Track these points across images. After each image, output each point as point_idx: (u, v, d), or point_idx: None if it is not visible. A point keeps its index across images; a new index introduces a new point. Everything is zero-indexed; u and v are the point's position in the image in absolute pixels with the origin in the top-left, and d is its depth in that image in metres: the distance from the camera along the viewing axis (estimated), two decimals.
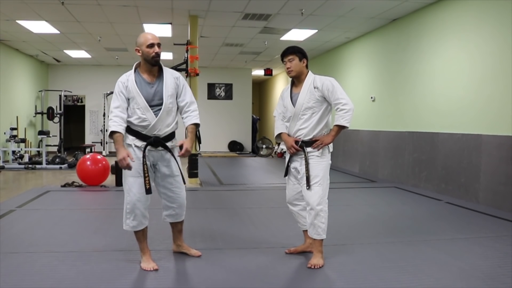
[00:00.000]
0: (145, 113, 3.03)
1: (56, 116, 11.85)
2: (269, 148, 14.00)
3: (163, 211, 3.28)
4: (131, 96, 3.03)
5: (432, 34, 6.72)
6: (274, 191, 6.86)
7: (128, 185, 3.06)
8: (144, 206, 3.09)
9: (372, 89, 8.69)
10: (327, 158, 3.29)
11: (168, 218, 3.30)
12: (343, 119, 3.17)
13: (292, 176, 3.37)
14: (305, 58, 3.33)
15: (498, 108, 5.36)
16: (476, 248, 3.65)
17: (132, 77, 3.07)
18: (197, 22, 7.76)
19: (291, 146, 3.27)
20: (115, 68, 14.02)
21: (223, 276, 2.98)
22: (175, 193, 3.21)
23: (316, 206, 3.15)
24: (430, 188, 6.60)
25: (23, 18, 7.98)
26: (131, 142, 3.07)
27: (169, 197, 3.21)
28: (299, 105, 3.24)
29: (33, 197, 5.82)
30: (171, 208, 3.24)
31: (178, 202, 3.23)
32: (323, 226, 3.18)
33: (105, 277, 2.90)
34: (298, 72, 3.30)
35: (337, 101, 3.18)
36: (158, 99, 3.07)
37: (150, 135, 3.07)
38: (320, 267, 3.13)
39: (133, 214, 3.06)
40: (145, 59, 3.06)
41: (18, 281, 2.82)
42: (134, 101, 3.03)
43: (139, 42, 3.08)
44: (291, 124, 3.31)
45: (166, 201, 3.23)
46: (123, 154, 2.92)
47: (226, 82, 15.12)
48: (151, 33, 3.13)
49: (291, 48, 3.35)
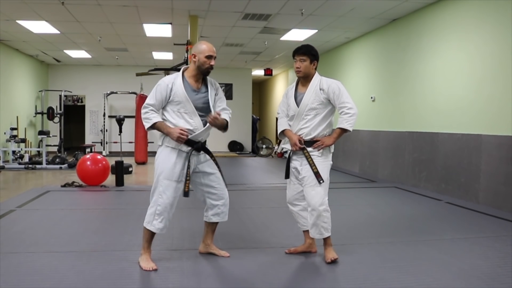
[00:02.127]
0: (193, 117, 3.07)
1: (56, 116, 11.85)
2: (269, 148, 14.00)
3: (208, 212, 3.30)
4: (177, 100, 3.06)
5: (432, 34, 6.72)
6: (274, 191, 6.86)
7: (162, 187, 3.08)
8: (172, 212, 3.14)
9: (372, 89, 8.69)
10: (328, 158, 3.30)
11: (214, 218, 3.29)
12: (347, 123, 3.18)
13: (293, 176, 3.38)
14: (316, 61, 3.33)
15: (498, 108, 5.36)
16: (476, 248, 3.65)
17: (180, 81, 3.10)
18: (197, 22, 7.77)
19: (295, 143, 3.25)
20: (115, 68, 14.03)
21: (223, 276, 2.98)
22: (219, 190, 3.25)
23: (318, 207, 3.16)
24: (430, 188, 6.60)
25: (23, 18, 7.98)
26: (176, 147, 3.09)
27: (214, 194, 3.24)
28: (303, 105, 3.25)
29: (33, 197, 5.82)
30: (216, 206, 3.27)
31: (223, 198, 3.28)
32: (325, 225, 3.20)
33: (105, 277, 2.90)
34: (306, 73, 3.29)
35: (342, 105, 3.20)
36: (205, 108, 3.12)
37: (195, 141, 3.10)
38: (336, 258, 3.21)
39: (162, 217, 3.08)
40: (198, 67, 3.11)
41: (18, 281, 2.82)
42: (181, 105, 3.07)
43: (199, 49, 3.11)
44: (294, 123, 3.32)
45: (212, 200, 3.26)
46: (177, 130, 3.00)
47: (226, 82, 15.12)
48: (210, 44, 3.16)
49: (305, 48, 3.31)
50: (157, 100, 3.08)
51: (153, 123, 3.04)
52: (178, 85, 3.08)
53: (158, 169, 3.11)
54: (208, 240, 3.39)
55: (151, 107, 3.07)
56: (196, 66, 3.11)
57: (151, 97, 3.10)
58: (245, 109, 15.40)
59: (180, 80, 3.10)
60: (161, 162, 3.11)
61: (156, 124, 3.05)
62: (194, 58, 3.11)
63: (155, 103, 3.08)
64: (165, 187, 3.07)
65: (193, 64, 3.13)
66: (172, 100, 3.08)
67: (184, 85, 3.09)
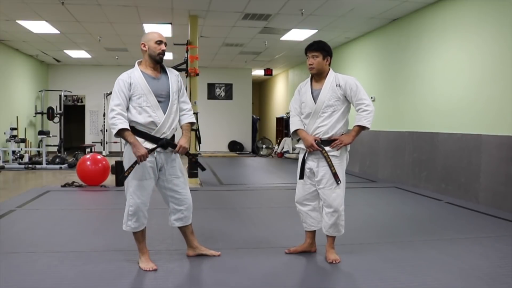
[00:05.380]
0: (155, 111, 2.99)
1: (56, 116, 11.85)
2: (269, 148, 13.99)
3: (171, 216, 3.22)
4: (139, 93, 2.98)
5: (432, 34, 6.71)
6: (274, 191, 6.86)
7: (132, 188, 3.03)
8: (146, 208, 3.10)
9: (372, 89, 8.68)
10: (345, 158, 3.25)
11: (177, 223, 3.22)
12: (365, 120, 3.12)
13: (306, 176, 3.30)
14: (329, 56, 3.24)
15: (498, 108, 5.35)
16: (476, 248, 3.65)
17: (139, 73, 3.04)
18: (197, 22, 7.76)
19: (311, 144, 3.18)
20: (115, 68, 14.00)
21: (223, 276, 2.97)
22: (182, 195, 3.17)
23: (339, 208, 3.17)
24: (430, 188, 6.60)
25: (23, 18, 7.98)
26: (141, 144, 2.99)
27: (176, 199, 3.16)
28: (320, 102, 3.17)
29: (33, 197, 5.82)
30: (179, 211, 3.19)
31: (186, 203, 3.19)
32: (343, 223, 3.25)
33: (105, 277, 2.90)
34: (319, 70, 3.22)
35: (360, 101, 3.13)
36: (165, 94, 3.06)
37: (159, 137, 3.03)
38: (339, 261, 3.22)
39: (136, 217, 3.05)
40: (150, 55, 3.06)
41: (18, 281, 2.82)
42: (143, 98, 2.98)
43: (147, 37, 3.08)
44: (310, 121, 3.23)
45: (174, 204, 3.18)
46: (144, 150, 2.91)
47: (226, 82, 15.12)
48: (158, 32, 3.14)
49: (316, 44, 3.24)
50: (122, 99, 2.95)
51: (119, 129, 2.89)
52: (138, 77, 3.00)
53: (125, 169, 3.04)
54: (193, 242, 3.31)
55: (119, 109, 2.93)
56: (148, 54, 3.06)
57: (115, 97, 2.96)
58: (245, 109, 15.39)
59: (138, 72, 3.03)
60: (127, 162, 3.04)
61: (122, 131, 2.91)
62: (144, 48, 3.06)
63: (121, 102, 2.95)
64: (134, 187, 3.02)
65: (145, 54, 3.08)
66: (132, 95, 2.98)
67: (143, 76, 3.02)
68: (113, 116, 2.93)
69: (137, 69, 3.07)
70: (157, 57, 3.06)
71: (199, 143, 7.40)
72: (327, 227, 3.24)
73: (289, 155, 12.54)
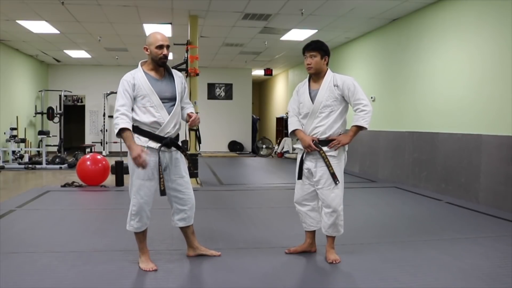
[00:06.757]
0: (159, 111, 2.99)
1: (56, 116, 11.86)
2: (269, 148, 13.99)
3: (174, 216, 3.22)
4: (142, 94, 2.98)
5: (432, 34, 6.72)
6: (274, 191, 6.86)
7: (135, 187, 3.03)
8: (150, 209, 3.09)
9: (372, 89, 8.68)
10: (343, 158, 3.26)
11: (180, 223, 3.21)
12: (363, 120, 3.12)
13: (304, 176, 3.30)
14: (327, 56, 3.25)
15: (498, 108, 5.36)
16: (476, 248, 3.65)
17: (142, 74, 3.03)
18: (197, 22, 7.76)
19: (308, 145, 3.18)
20: (115, 68, 14.01)
21: (223, 276, 2.97)
22: (186, 194, 3.17)
23: (338, 208, 3.17)
24: (430, 188, 6.60)
25: (23, 18, 7.98)
26: (144, 144, 2.98)
27: (180, 199, 3.16)
28: (317, 102, 3.17)
29: (33, 197, 5.82)
30: (182, 211, 3.18)
31: (189, 203, 3.19)
32: (342, 223, 3.26)
33: (105, 277, 2.90)
34: (317, 70, 3.22)
35: (357, 101, 3.13)
36: (170, 95, 3.06)
37: (163, 136, 3.03)
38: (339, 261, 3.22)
39: (139, 216, 3.05)
40: (152, 59, 3.06)
41: (18, 281, 2.81)
42: (146, 99, 2.98)
43: (149, 41, 3.05)
44: (308, 121, 3.23)
45: (178, 204, 3.17)
46: (138, 150, 2.87)
47: (226, 82, 15.12)
48: (161, 33, 3.09)
49: (314, 44, 3.24)
50: (125, 99, 2.94)
51: (120, 128, 2.88)
52: (140, 78, 3.00)
53: (130, 169, 3.05)
54: (193, 243, 3.31)
55: (123, 109, 2.92)
56: (150, 58, 3.06)
57: (119, 98, 2.96)
58: (245, 109, 15.39)
59: (141, 73, 3.03)
60: (131, 168, 3.03)
61: (123, 131, 2.90)
62: (147, 51, 3.06)
63: (126, 102, 2.94)
64: (138, 187, 3.02)
65: (148, 57, 3.08)
66: (136, 96, 2.98)
67: (146, 77, 3.02)
68: (117, 116, 2.94)
69: (140, 70, 3.07)
70: (159, 62, 3.05)
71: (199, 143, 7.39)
72: (326, 227, 3.25)
73: (289, 155, 12.54)
